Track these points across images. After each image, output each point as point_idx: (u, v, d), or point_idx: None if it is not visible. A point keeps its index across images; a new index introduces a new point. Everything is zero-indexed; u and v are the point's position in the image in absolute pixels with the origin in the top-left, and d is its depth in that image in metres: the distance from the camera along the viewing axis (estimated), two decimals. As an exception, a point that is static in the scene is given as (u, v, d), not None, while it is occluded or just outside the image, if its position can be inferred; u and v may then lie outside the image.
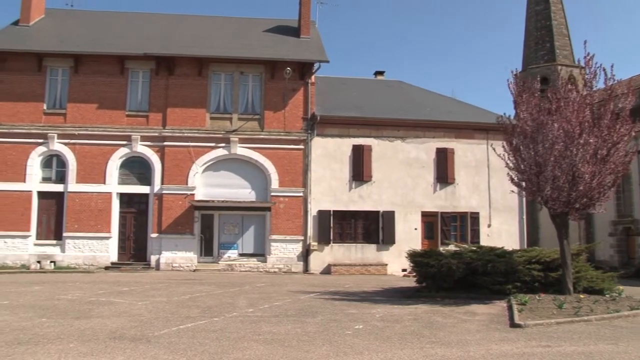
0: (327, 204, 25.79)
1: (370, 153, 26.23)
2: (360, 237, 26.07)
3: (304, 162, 25.90)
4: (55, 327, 9.98)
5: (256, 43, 28.19)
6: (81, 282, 19.12)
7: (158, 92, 26.03)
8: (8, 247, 24.73)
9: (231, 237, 25.76)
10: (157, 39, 27.60)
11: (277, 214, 25.44)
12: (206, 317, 11.34)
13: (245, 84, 26.62)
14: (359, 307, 13.12)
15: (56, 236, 25.33)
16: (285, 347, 8.48)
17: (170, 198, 25.26)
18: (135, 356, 7.77)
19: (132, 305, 12.97)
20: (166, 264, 24.76)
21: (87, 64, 26.04)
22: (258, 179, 25.93)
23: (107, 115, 25.76)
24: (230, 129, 25.91)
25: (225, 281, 20.10)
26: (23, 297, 14.50)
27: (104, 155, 25.48)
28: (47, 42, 26.91)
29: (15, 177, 25.14)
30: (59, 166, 25.76)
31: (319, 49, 27.53)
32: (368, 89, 30.53)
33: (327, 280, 21.70)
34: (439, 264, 15.32)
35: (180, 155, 25.52)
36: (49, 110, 25.85)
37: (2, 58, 25.70)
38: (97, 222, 25.15)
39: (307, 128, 26.08)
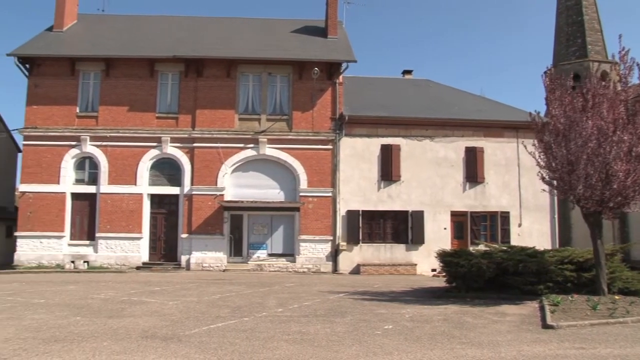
0: (356, 203, 25.75)
1: (398, 153, 26.12)
2: (389, 237, 25.97)
3: (333, 162, 25.90)
4: (89, 325, 10.15)
5: (284, 44, 28.30)
6: (113, 282, 19.43)
7: (187, 94, 26.30)
8: (44, 247, 25.28)
9: (260, 237, 25.89)
10: (186, 41, 27.89)
11: (306, 214, 25.49)
12: (236, 316, 11.41)
13: (273, 85, 26.73)
14: (388, 307, 13.07)
15: (89, 237, 25.78)
16: (315, 347, 8.49)
17: (200, 199, 25.49)
18: (166, 355, 7.85)
19: (163, 305, 13.12)
20: (196, 264, 24.99)
21: (118, 68, 26.45)
22: (287, 179, 26.03)
23: (138, 117, 26.12)
24: (258, 129, 26.04)
25: (254, 281, 20.21)
26: (58, 296, 14.80)
27: (135, 156, 25.84)
28: (79, 47, 27.40)
29: (50, 179, 25.66)
30: (92, 168, 26.21)
31: (346, 49, 27.50)
32: (396, 88, 30.38)
33: (356, 280, 21.67)
34: (469, 263, 15.18)
35: (209, 156, 25.73)
36: (81, 113, 26.32)
37: (37, 63, 26.28)
38: (129, 222, 25.52)
39: (335, 128, 26.08)
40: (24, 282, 19.45)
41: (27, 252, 25.27)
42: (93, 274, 23.60)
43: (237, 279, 21.21)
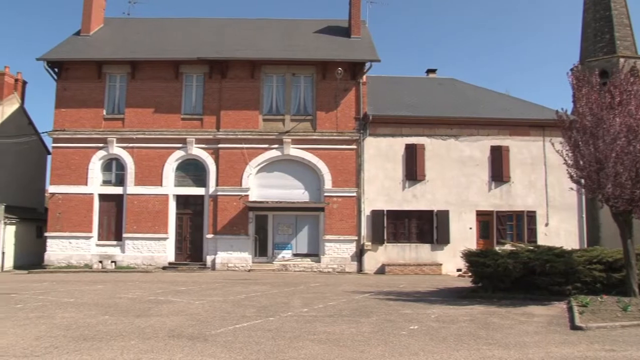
0: (381, 203, 25.69)
1: (423, 152, 25.99)
2: (414, 237, 25.86)
3: (357, 162, 25.87)
4: (117, 324, 10.29)
5: (307, 44, 28.36)
6: (140, 282, 19.66)
7: (212, 96, 26.50)
8: (72, 247, 25.69)
9: (285, 238, 25.97)
10: (210, 43, 28.12)
11: (331, 214, 25.50)
12: (262, 316, 11.46)
13: (297, 85, 26.79)
14: (413, 308, 13.02)
15: (116, 237, 26.12)
16: (340, 346, 8.50)
17: (225, 199, 25.65)
18: (193, 354, 7.92)
19: (189, 305, 13.24)
20: (222, 264, 25.16)
21: (143, 70, 26.76)
22: (311, 179, 26.07)
23: (163, 119, 26.38)
24: (282, 130, 26.12)
25: (279, 281, 20.28)
26: (87, 296, 15.03)
27: (161, 158, 26.11)
28: (106, 50, 27.80)
29: (78, 180, 26.07)
30: (118, 169, 26.56)
31: (369, 49, 27.45)
32: (420, 87, 30.22)
33: (381, 280, 21.62)
34: (495, 263, 15.05)
35: (234, 157, 25.89)
36: (108, 115, 26.68)
37: (65, 67, 26.72)
38: (155, 223, 25.79)
39: (360, 128, 26.04)
40: (54, 282, 19.83)
41: (56, 252, 25.72)
42: (120, 273, 23.93)
43: (262, 279, 21.31)
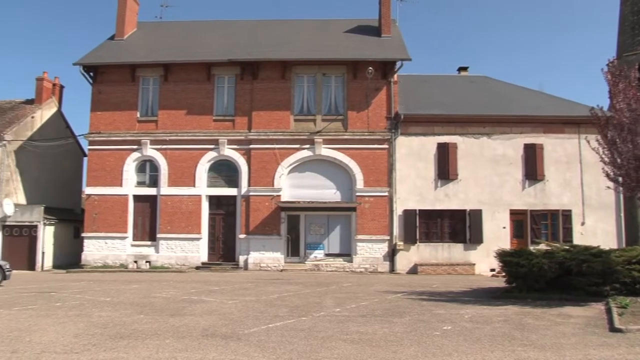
0: (413, 203, 25.55)
1: (455, 151, 25.77)
2: (446, 237, 25.66)
3: (389, 161, 25.78)
4: (152, 323, 10.43)
5: (337, 44, 28.35)
6: (174, 281, 19.91)
7: (243, 97, 26.69)
8: (108, 247, 26.16)
9: (317, 238, 26.01)
10: (241, 45, 28.34)
11: (363, 214, 25.46)
12: (294, 316, 11.49)
13: (328, 85, 26.81)
14: (447, 308, 12.91)
15: (151, 237, 26.50)
16: (373, 347, 8.47)
17: (257, 199, 25.80)
18: (226, 353, 7.98)
19: (222, 304, 13.34)
20: (254, 264, 25.32)
21: (176, 73, 27.09)
22: (343, 179, 26.06)
23: (196, 120, 26.66)
24: (314, 130, 26.17)
25: (312, 281, 20.31)
26: (123, 295, 15.28)
27: (193, 159, 26.40)
28: (139, 54, 28.23)
29: (113, 182, 26.53)
30: (152, 170, 26.95)
31: (400, 47, 27.32)
32: (452, 85, 29.97)
33: (414, 280, 21.50)
34: (530, 263, 14.79)
35: (266, 158, 26.03)
36: (142, 117, 27.09)
37: (100, 71, 27.24)
38: (188, 223, 26.08)
39: (391, 127, 25.94)
40: (91, 281, 20.23)
41: (93, 252, 26.22)
42: (155, 273, 24.28)
43: (294, 278, 21.37)
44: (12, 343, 8.51)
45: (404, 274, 24.69)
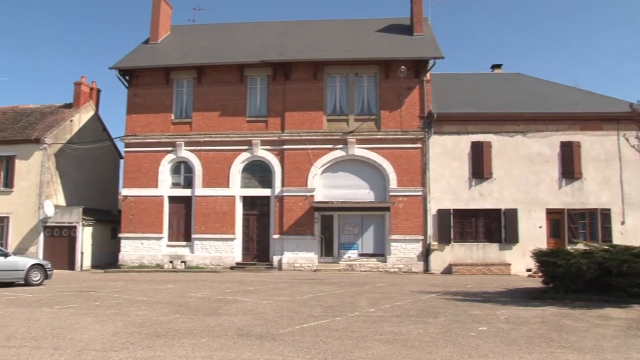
0: (447, 202, 25.35)
1: (489, 149, 25.48)
2: (481, 236, 25.38)
3: (422, 160, 25.63)
4: (188, 322, 10.55)
5: (369, 44, 28.30)
6: (209, 281, 20.11)
7: (276, 97, 26.83)
8: (145, 247, 26.58)
9: (351, 238, 25.99)
10: (273, 46, 28.49)
11: (396, 214, 25.35)
12: (328, 316, 11.49)
13: (360, 85, 26.78)
14: (482, 308, 12.75)
15: (186, 238, 26.83)
16: (408, 347, 8.41)
17: (290, 200, 25.91)
18: (261, 352, 8.01)
19: (257, 304, 13.42)
20: (288, 264, 25.43)
21: (209, 75, 27.38)
22: (376, 179, 25.99)
23: (229, 122, 26.90)
24: (347, 130, 26.17)
25: (345, 281, 20.30)
26: (159, 295, 15.50)
27: (227, 160, 26.64)
28: (173, 57, 28.61)
29: (149, 183, 26.95)
30: (187, 172, 27.28)
31: (432, 46, 27.14)
32: (485, 83, 29.64)
33: (448, 280, 21.32)
34: (568, 263, 14.48)
35: (299, 158, 26.12)
36: (176, 120, 27.45)
37: (136, 74, 27.72)
38: (222, 224, 26.33)
39: (424, 126, 25.79)
40: (128, 281, 20.59)
41: (129, 252, 26.68)
42: (190, 273, 24.57)
43: (328, 278, 21.39)
44: (55, 340, 8.74)
45: (438, 274, 24.51)
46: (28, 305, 13.36)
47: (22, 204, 28.65)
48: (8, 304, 13.73)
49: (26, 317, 11.30)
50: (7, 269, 18.53)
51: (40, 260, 20.48)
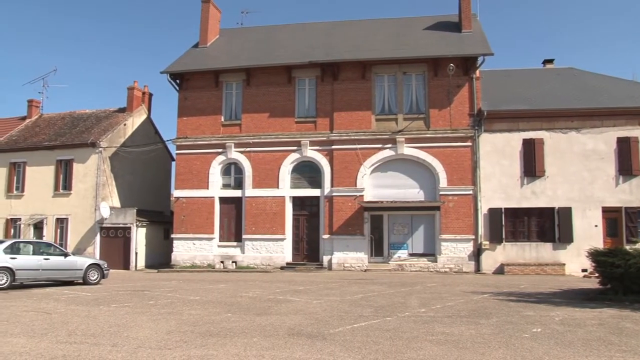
0: (498, 201, 24.93)
1: (542, 147, 24.92)
2: (534, 236, 24.85)
3: (472, 159, 25.27)
4: (239, 322, 10.68)
5: (417, 42, 28.08)
6: (260, 281, 20.31)
7: (324, 98, 26.91)
8: (196, 248, 27.06)
9: (401, 237, 25.84)
10: (321, 46, 28.59)
11: (447, 213, 25.08)
12: (379, 316, 11.45)
13: (408, 84, 26.60)
14: (536, 309, 12.47)
15: (236, 238, 27.18)
16: (460, 348, 8.31)
17: (340, 200, 25.94)
18: (312, 352, 8.04)
19: (307, 304, 13.48)
20: (338, 264, 25.46)
21: (257, 77, 27.68)
22: (426, 178, 25.77)
23: (278, 123, 27.12)
24: (395, 129, 26.03)
25: (395, 281, 20.19)
26: (211, 294, 15.75)
27: (276, 161, 26.86)
28: (222, 60, 29.04)
29: (200, 185, 27.43)
30: (237, 173, 27.65)
31: (481, 42, 26.72)
32: (536, 78, 28.95)
33: (500, 280, 20.95)
34: (627, 264, 13.97)
35: (348, 158, 26.12)
36: (226, 122, 27.85)
37: (186, 78, 28.27)
38: (272, 224, 26.56)
39: (474, 124, 25.42)
40: (181, 280, 20.99)
41: (182, 252, 27.21)
42: (240, 273, 24.87)
43: (378, 278, 21.32)
44: (112, 337, 9.00)
45: (489, 274, 24.13)
46: (87, 303, 13.80)
47: (80, 205, 29.64)
48: (69, 301, 14.23)
49: (85, 314, 11.68)
50: (67, 268, 19.21)
51: (97, 260, 21.11)
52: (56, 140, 31.42)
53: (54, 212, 30.20)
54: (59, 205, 30.19)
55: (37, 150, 31.29)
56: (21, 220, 30.92)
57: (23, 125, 35.19)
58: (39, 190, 30.76)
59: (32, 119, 35.91)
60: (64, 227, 30.01)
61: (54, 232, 30.08)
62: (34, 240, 23.43)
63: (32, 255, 18.70)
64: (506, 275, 23.39)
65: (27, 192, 31.18)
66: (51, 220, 30.21)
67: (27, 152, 31.56)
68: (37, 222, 30.52)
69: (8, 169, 31.80)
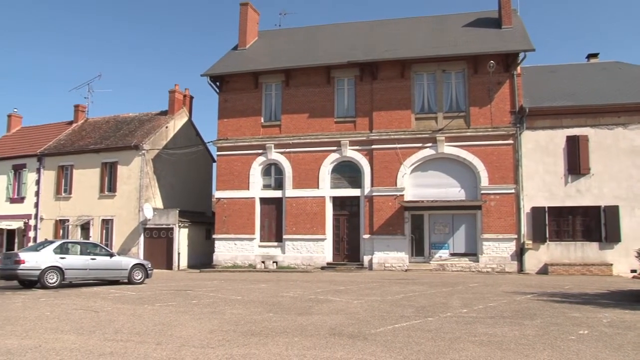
0: (541, 200, 24.46)
1: (586, 143, 24.34)
2: (579, 235, 24.29)
3: (514, 157, 24.86)
4: (281, 321, 10.74)
5: (456, 39, 27.75)
6: (300, 281, 20.39)
7: (363, 98, 26.87)
8: (238, 248, 27.35)
9: (441, 237, 25.61)
10: (358, 46, 28.54)
11: (488, 212, 24.74)
12: (420, 316, 11.36)
13: (448, 82, 26.34)
14: (582, 311, 12.17)
15: (277, 238, 27.36)
16: (503, 350, 8.17)
17: (380, 200, 25.86)
18: (354, 352, 8.01)
19: (348, 304, 13.46)
20: (378, 264, 25.38)
21: (296, 77, 27.81)
22: (466, 177, 25.47)
23: (317, 123, 27.19)
24: (435, 128, 25.81)
25: (437, 281, 20.02)
26: (252, 294, 15.88)
27: (316, 161, 26.94)
28: (261, 62, 29.28)
29: (241, 186, 27.71)
30: (277, 174, 27.83)
31: (522, 38, 26.25)
32: (580, 74, 28.26)
33: (544, 280, 20.56)
34: (679, 263, 13.57)
35: (387, 158, 26.02)
36: (265, 123, 28.06)
37: (226, 80, 28.61)
38: (313, 225, 26.64)
39: (516, 122, 25.01)
40: (222, 280, 21.25)
41: (223, 252, 27.54)
42: (281, 273, 25.02)
43: (419, 278, 21.17)
44: (157, 336, 9.17)
45: (533, 274, 23.70)
46: (132, 302, 14.09)
47: (124, 207, 30.29)
48: (115, 300, 14.56)
49: (131, 313, 11.93)
50: (112, 268, 19.69)
51: (141, 260, 21.55)
52: (101, 144, 32.20)
53: (100, 213, 30.96)
54: (104, 207, 30.93)
55: (83, 153, 32.17)
56: (69, 221, 31.83)
57: (70, 130, 36.19)
58: (86, 192, 31.58)
59: (78, 124, 36.90)
60: (109, 227, 30.74)
61: (99, 232, 30.85)
62: (81, 241, 24.05)
63: (79, 255, 19.25)
64: (550, 276, 22.95)
65: (74, 194, 32.07)
66: (97, 221, 30.98)
67: (74, 155, 32.48)
68: (84, 223, 31.33)
69: (57, 172, 32.78)
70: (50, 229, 32.29)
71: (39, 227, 32.69)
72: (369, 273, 24.34)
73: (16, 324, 10.52)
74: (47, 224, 32.51)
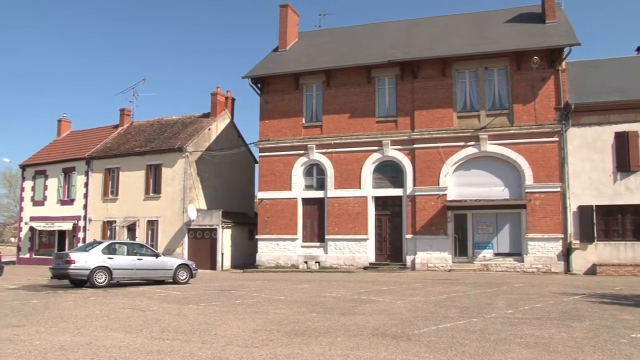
0: (589, 198, 23.87)
1: (636, 140, 23.62)
2: (629, 234, 23.61)
3: (560, 154, 24.34)
4: (323, 321, 10.76)
5: (498, 35, 27.35)
6: (343, 281, 20.39)
7: (404, 97, 26.71)
8: (280, 248, 27.54)
9: (485, 237, 25.26)
10: (398, 45, 28.40)
11: (533, 211, 24.29)
12: (464, 317, 11.24)
13: (490, 79, 25.96)
14: (634, 313, 11.79)
15: (319, 239, 27.44)
16: (550, 352, 8.00)
17: (422, 199, 25.67)
18: (397, 352, 7.97)
19: (391, 304, 13.41)
20: (421, 264, 25.20)
21: (337, 78, 27.84)
22: (510, 175, 25.05)
23: (358, 123, 27.16)
24: (478, 126, 25.48)
25: (481, 281, 19.77)
26: (295, 294, 15.96)
27: (358, 161, 26.90)
28: (301, 63, 29.41)
29: (283, 186, 27.88)
30: (319, 174, 27.91)
31: (567, 32, 25.66)
32: (630, 67, 27.37)
33: (592, 281, 20.06)
34: None
35: (430, 157, 25.81)
36: (307, 123, 28.17)
37: (267, 82, 28.86)
38: (355, 225, 26.62)
39: (561, 118, 24.48)
40: (265, 280, 21.43)
41: (266, 253, 27.76)
42: (324, 273, 25.08)
43: (462, 279, 20.95)
44: (202, 335, 9.31)
45: (580, 274, 23.16)
46: (177, 302, 14.33)
47: (169, 208, 30.85)
48: (161, 300, 14.84)
49: (176, 312, 12.14)
50: (158, 268, 20.07)
51: (185, 261, 21.88)
52: (146, 146, 32.86)
53: (145, 214, 31.61)
54: (149, 208, 31.57)
55: (129, 156, 32.91)
56: (116, 222, 32.62)
57: (116, 133, 37.06)
58: (132, 194, 32.30)
59: (124, 127, 37.76)
60: (154, 228, 31.35)
61: (145, 233, 31.49)
62: (128, 242, 24.54)
63: (126, 255, 19.66)
64: (599, 276, 22.37)
65: (120, 195, 32.84)
66: (143, 222, 31.64)
67: (120, 158, 33.26)
68: (130, 224, 32.05)
69: (104, 174, 33.64)
70: (98, 230, 33.15)
71: (87, 228, 33.62)
72: (412, 273, 24.19)
73: (68, 321, 10.83)
74: (95, 225, 33.39)
